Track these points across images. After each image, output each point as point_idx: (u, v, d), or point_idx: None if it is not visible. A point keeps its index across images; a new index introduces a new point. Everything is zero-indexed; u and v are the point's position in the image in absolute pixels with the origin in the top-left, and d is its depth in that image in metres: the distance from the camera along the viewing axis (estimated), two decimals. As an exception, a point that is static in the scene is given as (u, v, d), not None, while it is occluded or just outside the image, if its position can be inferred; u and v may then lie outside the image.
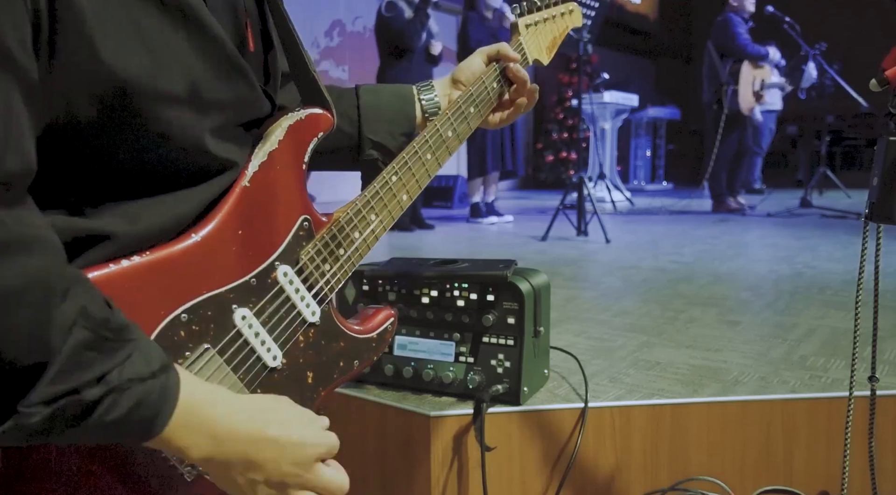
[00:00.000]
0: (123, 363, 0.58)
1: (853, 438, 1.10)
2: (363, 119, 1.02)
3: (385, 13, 5.08)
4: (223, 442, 0.64)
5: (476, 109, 1.03)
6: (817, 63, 6.61)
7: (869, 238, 1.03)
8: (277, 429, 0.68)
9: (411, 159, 0.93)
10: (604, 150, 7.81)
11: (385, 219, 0.89)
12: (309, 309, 0.81)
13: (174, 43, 0.66)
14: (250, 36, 0.79)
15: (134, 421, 0.59)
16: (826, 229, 4.91)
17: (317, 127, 0.81)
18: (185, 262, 0.69)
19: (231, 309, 0.73)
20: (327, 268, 0.82)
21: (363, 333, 0.89)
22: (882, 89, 0.96)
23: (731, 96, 6.03)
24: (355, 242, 0.85)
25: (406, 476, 1.42)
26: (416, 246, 4.32)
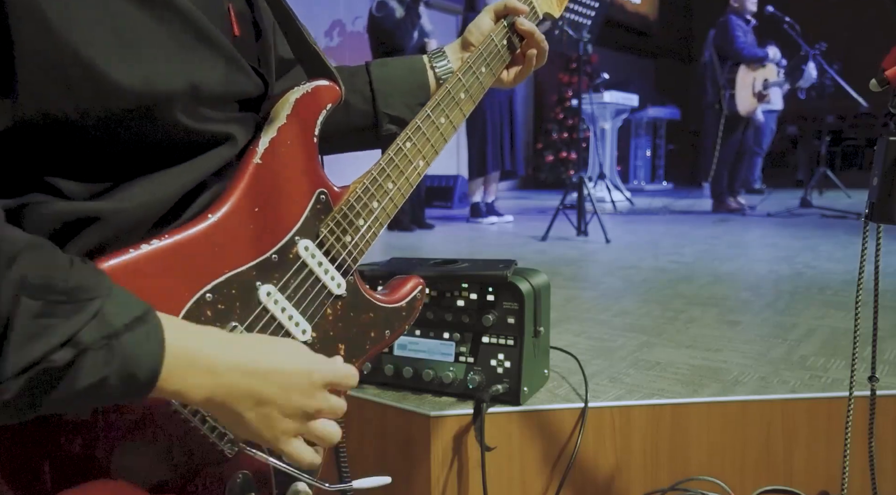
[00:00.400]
0: (90, 321, 0.56)
1: (853, 438, 1.10)
2: (377, 94, 1.01)
3: (375, 13, 5.08)
4: (223, 376, 0.62)
5: (488, 68, 1.01)
6: (817, 63, 6.61)
7: (869, 238, 1.03)
8: (279, 358, 0.67)
9: (424, 124, 0.92)
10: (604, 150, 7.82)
11: (402, 185, 0.88)
12: (334, 281, 0.81)
13: (142, 23, 0.65)
14: (234, 21, 0.78)
15: (121, 377, 0.57)
16: (826, 229, 4.91)
17: (324, 99, 0.80)
18: (204, 243, 0.69)
19: (255, 286, 0.73)
20: (348, 239, 0.82)
21: (392, 302, 0.89)
22: (882, 89, 0.96)
23: (728, 100, 6.04)
24: (374, 211, 0.85)
25: (406, 476, 1.42)
26: (416, 246, 4.32)
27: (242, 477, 0.74)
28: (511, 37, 1.06)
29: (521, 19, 1.05)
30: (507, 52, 1.06)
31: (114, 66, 0.62)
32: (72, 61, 0.60)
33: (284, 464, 0.75)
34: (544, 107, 11.07)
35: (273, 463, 0.74)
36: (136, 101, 0.64)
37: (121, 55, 0.63)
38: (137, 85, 0.64)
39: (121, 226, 0.66)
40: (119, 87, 0.63)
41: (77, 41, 0.60)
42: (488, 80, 1.02)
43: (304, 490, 0.78)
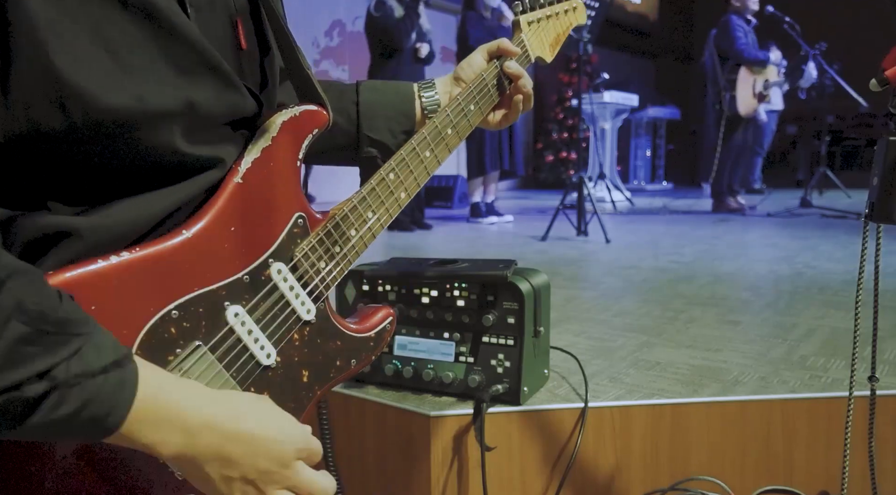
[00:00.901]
0: (70, 358, 0.56)
1: (853, 438, 1.10)
2: (362, 117, 1.02)
3: (374, 12, 5.08)
4: (196, 436, 0.62)
5: (476, 106, 1.02)
6: (817, 63, 6.62)
7: (869, 238, 1.03)
8: (253, 424, 0.66)
9: (409, 156, 0.92)
10: (604, 150, 7.82)
11: (383, 216, 0.88)
12: (304, 306, 0.80)
13: (138, 44, 0.65)
14: (242, 35, 0.78)
15: (86, 418, 0.56)
16: (826, 229, 4.91)
17: (311, 123, 0.79)
18: (175, 259, 0.68)
19: (223, 306, 0.72)
20: (322, 265, 0.81)
21: (360, 332, 0.88)
22: (882, 89, 0.96)
23: (728, 102, 6.04)
24: (351, 240, 0.84)
25: (406, 476, 1.42)
26: (416, 246, 4.32)
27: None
28: (501, 77, 1.08)
29: (510, 62, 1.06)
30: (496, 93, 1.07)
31: (106, 88, 0.62)
32: (63, 83, 0.60)
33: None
34: (544, 107, 11.07)
35: None
36: (128, 122, 0.64)
37: (114, 77, 0.63)
38: (131, 106, 0.64)
39: (98, 242, 0.65)
40: (110, 109, 0.63)
41: (68, 63, 0.60)
42: (476, 119, 1.03)
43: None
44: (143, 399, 0.59)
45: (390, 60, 5.15)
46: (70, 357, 0.56)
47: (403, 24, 5.02)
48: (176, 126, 0.68)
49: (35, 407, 0.54)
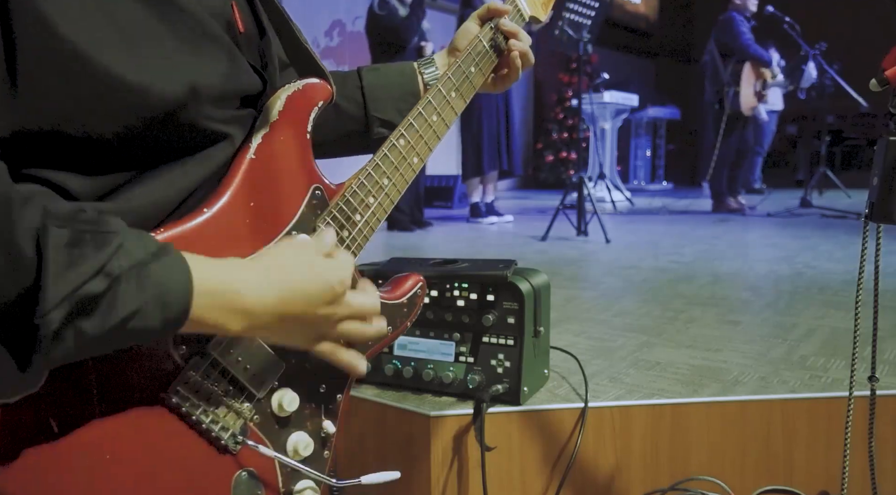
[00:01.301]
0: (116, 252, 0.57)
1: (853, 438, 1.10)
2: (368, 99, 1.02)
3: (378, 10, 5.07)
4: (255, 315, 0.65)
5: (476, 68, 1.02)
6: (817, 63, 6.62)
7: (869, 238, 1.03)
8: (298, 281, 0.68)
9: (417, 121, 0.92)
10: (604, 150, 7.82)
11: (398, 181, 0.88)
12: None
13: (142, 17, 0.65)
14: (238, 17, 0.78)
15: (156, 305, 0.57)
16: (826, 229, 4.91)
17: (316, 96, 0.80)
18: (199, 238, 0.69)
19: None
20: (345, 234, 0.82)
21: (393, 299, 0.89)
22: (882, 89, 0.96)
23: (732, 97, 6.03)
24: (371, 206, 0.84)
25: (406, 476, 1.42)
26: (416, 246, 4.32)
27: (248, 474, 0.73)
28: (497, 37, 1.07)
29: (504, 20, 1.05)
30: (493, 53, 1.06)
31: (117, 62, 0.63)
32: (73, 59, 0.61)
33: (289, 460, 0.75)
34: (544, 107, 11.06)
35: (277, 457, 0.74)
36: (140, 97, 0.65)
37: (125, 52, 0.63)
38: (143, 80, 0.64)
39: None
40: (123, 83, 0.63)
41: (78, 39, 0.61)
42: (478, 80, 1.03)
43: (311, 486, 0.77)
44: (197, 279, 0.60)
45: (394, 58, 5.14)
46: (115, 252, 0.57)
47: (409, 22, 5.02)
48: (188, 103, 0.69)
49: (103, 304, 0.55)
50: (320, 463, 0.79)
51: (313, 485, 0.77)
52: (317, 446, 0.79)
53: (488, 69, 1.05)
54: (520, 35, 1.05)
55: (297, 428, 0.77)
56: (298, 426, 0.78)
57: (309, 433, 0.78)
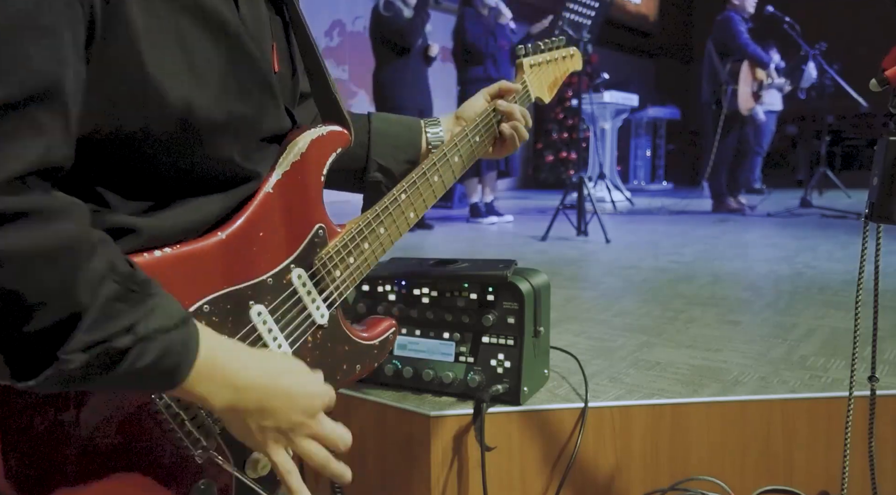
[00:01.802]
0: (148, 315, 0.63)
1: (853, 438, 1.10)
2: (372, 143, 1.09)
3: (384, 12, 5.07)
4: (241, 392, 0.70)
5: (480, 138, 1.11)
6: (817, 63, 6.61)
7: (869, 238, 1.03)
8: (288, 380, 0.74)
9: (420, 180, 0.99)
10: (604, 150, 7.81)
11: (393, 233, 0.94)
12: (319, 311, 0.86)
13: (213, 59, 0.73)
14: (276, 58, 0.85)
15: (160, 369, 0.64)
16: (826, 229, 4.91)
17: (336, 142, 0.87)
18: (210, 258, 0.75)
19: (248, 304, 0.78)
20: (338, 274, 0.87)
21: (366, 339, 0.94)
22: (882, 89, 0.96)
23: (730, 96, 6.02)
24: (364, 252, 0.91)
25: (406, 476, 1.42)
26: (416, 246, 4.32)
27: (206, 485, 0.78)
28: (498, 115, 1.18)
29: (501, 102, 1.16)
30: (496, 127, 1.17)
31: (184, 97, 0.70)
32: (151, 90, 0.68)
33: (246, 478, 0.79)
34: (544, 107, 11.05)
35: (236, 472, 0.79)
36: (196, 131, 0.72)
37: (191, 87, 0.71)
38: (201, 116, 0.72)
39: (153, 241, 0.73)
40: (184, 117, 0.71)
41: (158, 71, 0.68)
42: (480, 149, 1.13)
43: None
44: (203, 355, 0.67)
45: (399, 60, 5.14)
46: (148, 314, 0.64)
47: (414, 24, 5.03)
48: (232, 138, 0.76)
49: (122, 358, 0.62)
50: (275, 483, 0.83)
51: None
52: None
53: (490, 140, 1.15)
54: (514, 114, 1.15)
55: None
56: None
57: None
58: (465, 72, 5.62)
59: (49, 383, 0.59)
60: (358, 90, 8.09)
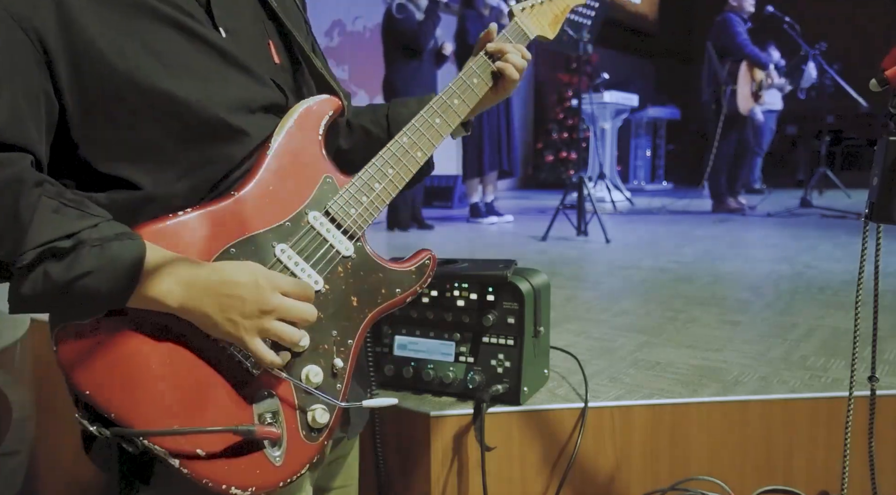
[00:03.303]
0: (91, 228, 0.78)
1: (853, 438, 1.10)
2: (391, 123, 1.18)
3: (396, 14, 5.09)
4: (191, 288, 0.81)
5: (479, 78, 1.14)
6: (817, 63, 6.62)
7: (869, 238, 1.03)
8: (235, 274, 0.84)
9: (419, 122, 1.06)
10: (604, 150, 7.81)
11: (402, 170, 1.03)
12: (342, 244, 0.96)
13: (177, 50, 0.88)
14: (274, 52, 1.01)
15: (108, 273, 0.76)
16: (826, 229, 4.91)
17: (326, 107, 1.00)
18: (230, 212, 0.89)
19: (271, 244, 0.91)
20: (353, 211, 0.97)
21: (401, 267, 1.02)
22: (882, 89, 0.96)
23: (729, 97, 6.02)
24: (375, 190, 1.00)
25: (406, 476, 1.42)
26: (416, 246, 4.30)
27: (268, 393, 0.88)
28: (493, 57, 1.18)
29: (490, 44, 1.17)
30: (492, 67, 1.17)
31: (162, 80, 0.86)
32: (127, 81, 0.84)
33: (301, 383, 0.89)
34: (544, 107, 11.06)
35: (291, 380, 0.89)
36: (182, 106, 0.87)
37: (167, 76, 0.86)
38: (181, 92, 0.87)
39: (169, 204, 0.87)
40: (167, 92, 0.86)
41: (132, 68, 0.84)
42: (481, 88, 1.15)
43: (322, 407, 0.91)
44: (150, 260, 0.79)
45: (409, 61, 5.15)
46: (88, 227, 0.78)
47: (427, 25, 5.05)
48: (215, 106, 0.89)
49: (66, 258, 0.76)
50: (332, 392, 0.93)
51: (323, 406, 0.91)
52: (327, 377, 0.92)
53: (489, 80, 1.16)
54: (505, 48, 1.16)
55: (310, 361, 0.91)
56: (312, 360, 0.92)
57: (321, 367, 0.92)
58: (468, 72, 5.63)
59: (20, 294, 0.76)
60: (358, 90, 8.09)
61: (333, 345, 0.94)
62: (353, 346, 0.96)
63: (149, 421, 0.80)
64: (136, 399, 0.81)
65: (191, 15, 0.90)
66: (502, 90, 1.20)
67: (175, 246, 0.84)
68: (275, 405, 0.88)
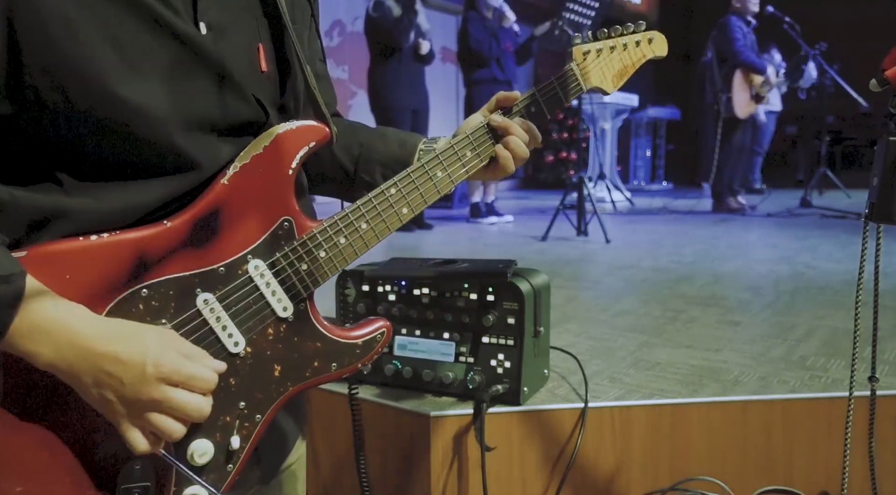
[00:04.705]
0: None
1: (853, 438, 1.10)
2: (361, 158, 1.04)
3: (372, 13, 5.09)
4: (62, 351, 0.68)
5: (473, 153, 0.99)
6: (817, 63, 6.61)
7: (869, 238, 1.03)
8: (121, 347, 0.70)
9: (416, 173, 0.92)
10: (604, 150, 7.81)
11: (378, 227, 0.88)
12: (280, 304, 0.83)
13: (142, 43, 0.73)
14: (262, 58, 0.84)
15: None
16: (826, 229, 4.91)
17: (307, 137, 0.83)
18: (151, 245, 0.75)
19: (195, 292, 0.78)
20: (304, 267, 0.83)
21: (346, 338, 0.87)
22: (882, 89, 0.96)
23: (725, 103, 6.03)
24: (339, 246, 0.86)
25: (406, 476, 1.42)
26: (416, 246, 4.32)
27: (141, 465, 0.75)
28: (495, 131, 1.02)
29: (494, 116, 1.00)
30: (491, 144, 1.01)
31: (110, 79, 0.71)
32: (70, 72, 0.69)
33: (181, 464, 0.76)
34: (544, 107, 11.03)
35: (168, 459, 0.75)
36: (126, 113, 0.72)
37: (119, 71, 0.71)
38: (130, 98, 0.72)
39: (87, 224, 0.72)
40: (112, 99, 0.71)
41: (78, 54, 0.69)
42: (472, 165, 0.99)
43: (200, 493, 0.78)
44: (26, 311, 0.66)
45: (390, 60, 5.16)
46: None
47: (401, 22, 5.04)
48: (172, 123, 0.75)
49: None
50: (220, 474, 0.79)
51: (202, 493, 0.78)
52: (218, 456, 0.79)
53: (485, 156, 1.00)
54: (510, 129, 1.00)
55: (203, 435, 0.78)
56: (206, 434, 0.78)
57: (214, 443, 0.79)
58: (470, 74, 5.65)
59: None
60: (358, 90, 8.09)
61: (237, 419, 0.80)
62: (259, 424, 0.81)
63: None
64: None
65: (166, 2, 0.74)
66: (492, 174, 1.03)
67: (71, 278, 0.70)
68: (145, 480, 0.75)
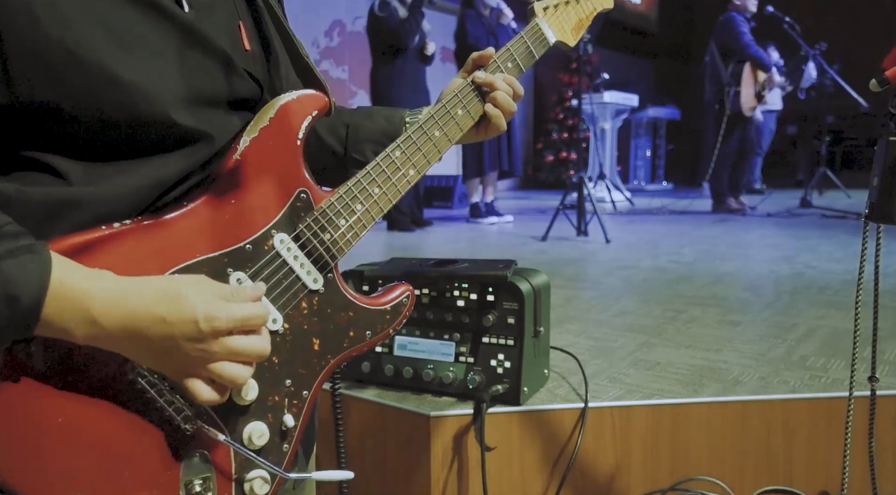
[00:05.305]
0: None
1: (853, 438, 1.10)
2: (349, 138, 1.04)
3: (378, 12, 5.08)
4: (100, 325, 0.64)
5: (463, 112, 0.99)
6: (817, 63, 6.62)
7: (869, 238, 1.03)
8: (160, 305, 0.66)
9: (416, 134, 0.93)
10: (604, 150, 7.81)
11: (389, 190, 0.89)
12: (310, 276, 0.82)
13: (133, 24, 0.71)
14: (244, 37, 0.83)
15: (2, 299, 0.59)
16: (826, 229, 4.91)
17: (310, 106, 0.83)
18: (176, 228, 0.73)
19: (226, 272, 0.76)
20: (327, 236, 0.83)
21: (375, 305, 0.88)
22: (882, 89, 0.96)
23: (732, 97, 6.02)
24: (357, 212, 0.86)
25: (406, 476, 1.42)
26: (416, 246, 4.32)
27: (200, 456, 0.74)
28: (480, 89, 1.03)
29: (478, 73, 1.01)
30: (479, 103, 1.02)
31: (113, 60, 0.68)
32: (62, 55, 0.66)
33: (243, 448, 0.76)
34: (544, 107, 11.06)
35: (229, 443, 0.75)
36: (128, 92, 0.69)
37: (119, 52, 0.69)
38: (133, 78, 0.69)
39: (99, 213, 0.69)
40: (117, 80, 0.68)
41: (67, 37, 0.66)
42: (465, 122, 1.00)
43: (262, 476, 0.77)
44: (56, 282, 0.62)
45: (394, 60, 5.15)
46: None
47: (408, 23, 5.03)
48: (177, 99, 0.73)
49: None
50: (277, 455, 0.79)
51: (264, 475, 0.78)
52: (274, 438, 0.79)
53: (475, 115, 1.01)
54: (495, 83, 1.01)
55: (255, 418, 0.78)
56: (258, 416, 0.78)
57: (267, 424, 0.78)
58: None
59: None
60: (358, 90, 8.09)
61: (285, 397, 0.80)
62: (307, 399, 0.82)
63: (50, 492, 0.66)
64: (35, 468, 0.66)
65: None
66: (484, 133, 1.05)
67: (104, 266, 0.68)
68: (207, 471, 0.74)
